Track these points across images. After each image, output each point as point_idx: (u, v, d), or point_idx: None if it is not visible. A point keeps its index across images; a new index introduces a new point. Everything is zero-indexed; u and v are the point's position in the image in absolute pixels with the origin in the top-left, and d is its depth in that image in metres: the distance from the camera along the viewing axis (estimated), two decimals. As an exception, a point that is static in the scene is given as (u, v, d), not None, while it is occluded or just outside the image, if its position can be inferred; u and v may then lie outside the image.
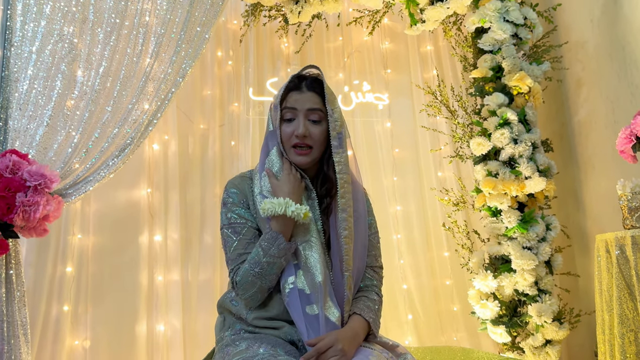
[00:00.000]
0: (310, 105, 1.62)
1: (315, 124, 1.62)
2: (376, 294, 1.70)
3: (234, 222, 1.61)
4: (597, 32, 3.06)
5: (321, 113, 1.63)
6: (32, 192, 2.09)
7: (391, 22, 3.62)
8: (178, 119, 3.14)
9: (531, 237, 2.72)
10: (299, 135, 1.59)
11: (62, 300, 2.72)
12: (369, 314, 1.59)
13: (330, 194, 1.64)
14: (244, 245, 1.59)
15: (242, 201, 1.63)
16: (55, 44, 2.44)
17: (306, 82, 1.65)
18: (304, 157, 1.61)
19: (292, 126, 1.61)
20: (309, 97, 1.63)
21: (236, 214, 1.61)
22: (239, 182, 1.67)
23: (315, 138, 1.61)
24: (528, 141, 2.82)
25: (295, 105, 1.61)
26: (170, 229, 3.01)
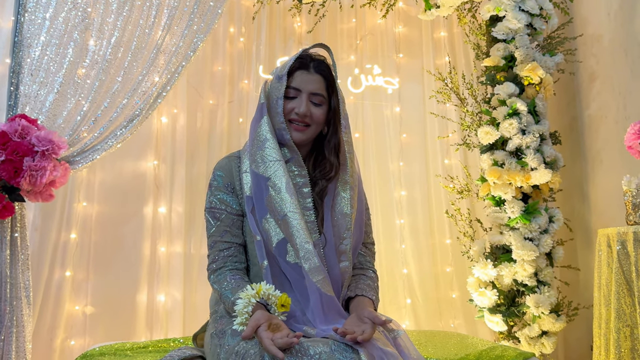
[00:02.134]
0: (314, 89, 1.63)
1: (317, 106, 1.64)
2: (372, 270, 1.74)
3: (214, 207, 1.62)
4: (613, 26, 3.03)
5: (322, 98, 1.65)
6: (40, 157, 2.12)
7: (406, 5, 3.59)
8: (188, 93, 3.15)
9: (533, 229, 2.73)
10: (300, 114, 1.60)
11: (64, 265, 2.76)
12: (370, 292, 1.62)
13: (327, 177, 1.65)
14: (221, 232, 1.60)
15: (227, 184, 1.63)
16: (69, 12, 2.46)
17: (314, 63, 1.66)
18: (301, 133, 1.62)
19: (293, 103, 1.62)
20: (315, 80, 1.64)
21: (217, 199, 1.63)
22: (226, 164, 1.67)
23: (315, 118, 1.63)
24: (536, 132, 2.81)
25: (300, 86, 1.62)
26: (175, 201, 3.04)
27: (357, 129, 3.43)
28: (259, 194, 1.57)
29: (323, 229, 1.59)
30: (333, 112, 1.67)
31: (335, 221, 1.61)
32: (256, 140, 1.61)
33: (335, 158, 1.66)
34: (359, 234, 1.68)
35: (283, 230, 1.53)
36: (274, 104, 1.60)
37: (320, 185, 1.65)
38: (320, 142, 1.70)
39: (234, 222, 1.62)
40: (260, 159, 1.57)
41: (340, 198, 1.63)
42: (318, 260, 1.50)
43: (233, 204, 1.62)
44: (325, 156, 1.67)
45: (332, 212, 1.61)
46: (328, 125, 1.69)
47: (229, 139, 3.21)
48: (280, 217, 1.53)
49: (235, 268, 1.59)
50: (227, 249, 1.60)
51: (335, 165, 1.66)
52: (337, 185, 1.65)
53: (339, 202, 1.63)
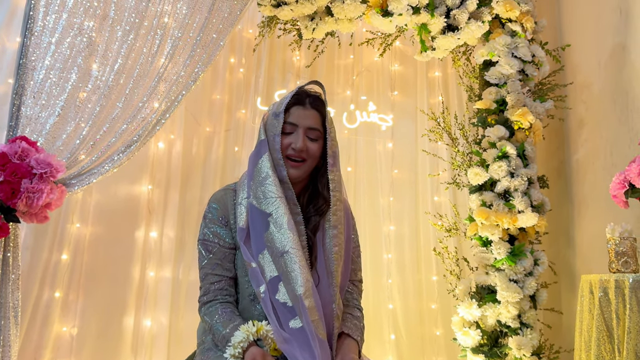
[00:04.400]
0: (310, 124, 1.67)
1: (313, 141, 1.67)
2: (358, 309, 1.75)
3: (207, 239, 1.65)
4: (603, 75, 3.12)
5: (319, 133, 1.68)
6: (38, 179, 2.15)
7: (402, 45, 3.69)
8: (185, 120, 3.20)
9: (518, 271, 2.77)
10: (297, 149, 1.63)
11: (54, 286, 2.77)
12: (356, 333, 1.64)
13: (320, 212, 1.68)
14: (212, 265, 1.63)
15: (221, 217, 1.65)
16: (75, 38, 2.51)
17: (310, 99, 1.70)
18: (297, 169, 1.65)
19: (290, 138, 1.65)
20: (310, 115, 1.67)
21: (211, 231, 1.65)
22: (222, 196, 1.70)
23: (311, 153, 1.66)
24: (524, 176, 2.87)
25: (296, 122, 1.65)
26: (166, 226, 3.06)
27: (350, 163, 3.48)
28: (258, 229, 1.58)
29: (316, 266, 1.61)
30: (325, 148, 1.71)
31: (327, 259, 1.62)
32: (256, 175, 1.62)
33: (327, 193, 1.69)
34: (345, 272, 1.70)
35: (280, 267, 1.54)
36: (271, 140, 1.63)
37: (314, 222, 1.67)
38: (315, 177, 1.73)
39: (225, 256, 1.64)
40: (262, 194, 1.59)
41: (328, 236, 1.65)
42: (317, 299, 1.52)
43: (226, 238, 1.64)
44: (319, 191, 1.70)
45: (323, 250, 1.63)
46: (323, 160, 1.71)
47: (223, 167, 3.25)
48: (279, 253, 1.54)
49: (226, 301, 1.61)
50: (218, 282, 1.62)
51: (328, 200, 1.68)
52: (326, 222, 1.67)
53: (328, 239, 1.64)
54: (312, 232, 1.66)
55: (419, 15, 2.95)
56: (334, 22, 2.96)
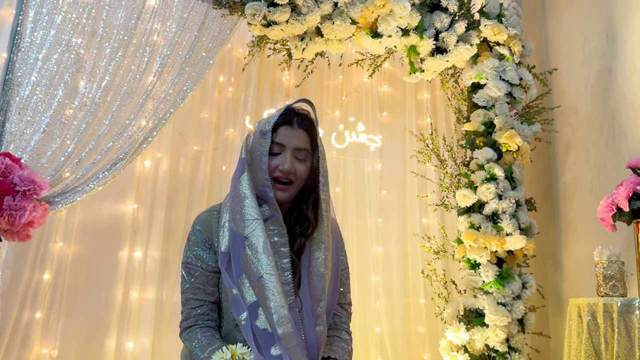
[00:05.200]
0: (298, 144, 1.62)
1: (300, 161, 1.62)
2: (346, 332, 1.71)
3: (190, 262, 1.61)
4: (590, 99, 3.15)
5: (307, 153, 1.64)
6: (21, 197, 2.11)
7: (391, 67, 3.70)
8: (173, 138, 3.17)
9: (507, 294, 2.76)
10: (284, 171, 1.59)
11: (35, 306, 2.70)
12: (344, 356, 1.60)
13: (305, 233, 1.63)
14: (194, 290, 1.59)
15: (205, 240, 1.62)
16: (62, 54, 2.49)
17: (298, 118, 1.65)
18: (284, 192, 1.61)
19: (277, 159, 1.60)
20: (299, 135, 1.63)
21: (194, 255, 1.61)
22: (206, 218, 1.66)
23: (299, 175, 1.62)
24: (512, 198, 2.87)
25: (284, 142, 1.61)
26: (151, 246, 3.01)
27: (338, 183, 3.47)
28: (236, 253, 1.54)
29: (299, 291, 1.57)
30: (315, 167, 1.67)
31: (311, 283, 1.58)
32: (236, 196, 1.58)
33: (313, 214, 1.65)
34: (332, 295, 1.66)
35: (257, 292, 1.50)
36: (257, 160, 1.58)
37: (299, 243, 1.62)
38: (302, 197, 1.68)
39: (208, 280, 1.60)
40: (239, 216, 1.55)
41: (315, 258, 1.61)
42: (293, 326, 1.48)
43: (209, 261, 1.60)
44: (304, 212, 1.66)
45: (308, 272, 1.59)
46: (311, 180, 1.67)
47: (210, 186, 3.22)
48: (255, 278, 1.50)
49: (207, 326, 1.57)
50: (200, 307, 1.58)
51: (313, 222, 1.64)
52: (312, 245, 1.63)
53: (314, 262, 1.60)
54: (297, 255, 1.61)
55: (408, 37, 2.97)
56: (323, 42, 2.97)
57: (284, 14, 2.75)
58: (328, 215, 1.66)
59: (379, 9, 2.84)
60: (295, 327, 1.49)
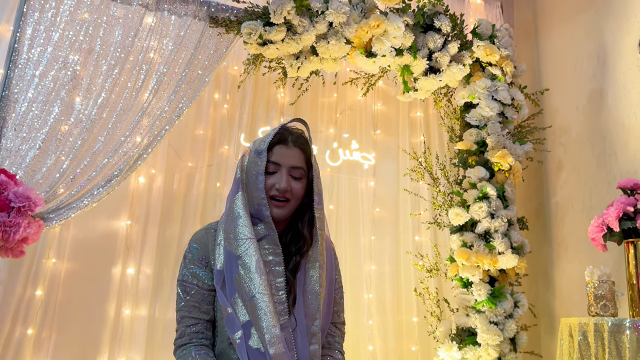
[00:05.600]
0: (294, 163, 1.63)
1: (296, 180, 1.64)
2: (339, 352, 1.71)
3: (186, 280, 1.61)
4: (581, 119, 3.20)
5: (302, 171, 1.65)
6: (15, 213, 2.11)
7: (385, 85, 3.74)
8: (167, 155, 3.17)
9: (499, 313, 2.77)
10: (281, 189, 1.60)
11: (27, 322, 2.68)
12: None
13: (300, 252, 1.64)
14: (189, 308, 1.59)
15: (201, 258, 1.62)
16: (59, 71, 2.51)
17: (292, 137, 1.66)
18: (281, 209, 1.61)
19: (273, 178, 1.61)
20: (294, 154, 1.64)
21: (190, 272, 1.61)
22: (203, 236, 1.66)
23: (295, 193, 1.63)
24: (504, 217, 2.90)
25: (279, 161, 1.62)
26: (144, 263, 3.00)
27: (332, 201, 3.48)
28: (229, 272, 1.54)
29: (294, 310, 1.57)
30: (310, 185, 1.67)
31: (306, 301, 1.58)
32: (230, 215, 1.59)
33: (309, 232, 1.65)
34: (327, 314, 1.66)
35: (250, 312, 1.50)
36: (252, 179, 1.59)
37: (294, 261, 1.63)
38: (297, 216, 1.69)
39: (204, 298, 1.60)
40: (233, 235, 1.56)
41: (309, 276, 1.61)
42: (284, 346, 1.47)
43: (205, 279, 1.60)
44: (299, 230, 1.66)
45: (303, 291, 1.59)
46: (306, 198, 1.68)
47: (204, 202, 3.22)
48: (248, 298, 1.50)
49: (201, 344, 1.57)
50: (194, 325, 1.58)
51: (308, 240, 1.64)
52: (307, 263, 1.63)
53: (309, 280, 1.61)
54: (292, 273, 1.62)
55: (402, 57, 3.01)
56: (318, 61, 3.00)
57: (279, 33, 2.78)
58: (323, 234, 1.67)
59: (373, 29, 2.88)
60: (288, 347, 1.49)
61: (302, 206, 1.68)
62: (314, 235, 1.66)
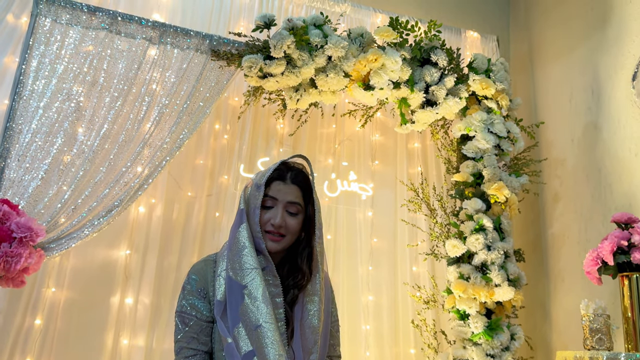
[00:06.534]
0: (290, 199, 1.67)
1: (292, 215, 1.67)
2: None
3: (184, 311, 1.63)
4: (577, 151, 3.24)
5: (299, 207, 1.68)
6: (17, 243, 2.14)
7: (383, 116, 3.79)
8: (167, 184, 3.20)
9: (495, 345, 2.77)
10: (275, 225, 1.63)
11: (25, 352, 2.68)
12: None
13: (299, 285, 1.66)
14: (187, 339, 1.60)
15: (200, 289, 1.64)
16: (63, 102, 2.56)
17: (291, 173, 1.70)
18: (276, 243, 1.64)
19: (270, 213, 1.65)
20: (291, 190, 1.68)
21: (189, 304, 1.63)
22: (202, 268, 1.68)
23: (290, 229, 1.66)
24: (501, 249, 2.92)
25: (276, 196, 1.66)
26: (142, 293, 3.01)
27: (330, 231, 3.50)
28: (234, 302, 1.56)
29: (292, 342, 1.59)
30: (309, 220, 1.70)
31: (303, 334, 1.60)
32: (234, 246, 1.62)
33: (307, 267, 1.68)
34: (323, 347, 1.68)
35: (254, 341, 1.52)
36: (252, 212, 1.63)
37: (292, 294, 1.65)
38: (295, 249, 1.72)
39: (202, 329, 1.61)
40: (238, 266, 1.58)
41: (307, 310, 1.63)
42: None
43: (204, 310, 1.62)
44: (298, 264, 1.69)
45: (301, 324, 1.61)
46: (305, 232, 1.71)
47: (203, 232, 3.24)
48: (253, 327, 1.52)
49: None
50: (193, 356, 1.59)
51: (307, 274, 1.67)
52: (305, 296, 1.65)
53: (306, 314, 1.63)
54: (290, 305, 1.64)
55: (399, 89, 3.07)
56: (317, 93, 3.06)
57: (279, 66, 2.84)
58: (322, 268, 1.70)
59: (371, 63, 2.94)
60: None
61: (300, 241, 1.71)
62: (313, 269, 1.68)
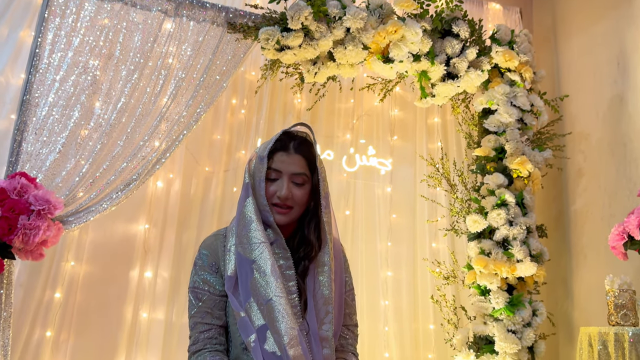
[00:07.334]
0: (295, 170, 1.61)
1: (298, 186, 1.62)
2: (353, 354, 1.70)
3: (197, 286, 1.61)
4: (601, 126, 3.16)
5: (305, 177, 1.63)
6: (35, 216, 2.14)
7: (402, 91, 3.73)
8: (185, 159, 3.19)
9: (517, 321, 2.74)
10: (281, 197, 1.58)
11: (46, 325, 2.71)
12: None
13: (309, 256, 1.63)
14: (202, 314, 1.59)
15: (212, 264, 1.62)
16: (79, 76, 2.54)
17: (294, 143, 1.63)
18: (284, 216, 1.60)
19: (275, 186, 1.60)
20: (295, 161, 1.61)
21: (201, 279, 1.61)
22: (212, 242, 1.66)
23: (297, 200, 1.61)
24: (523, 225, 2.87)
25: (280, 168, 1.60)
26: (161, 267, 3.02)
27: (348, 206, 3.48)
28: (243, 276, 1.54)
29: (306, 314, 1.56)
30: (316, 189, 1.66)
31: (316, 305, 1.58)
32: (241, 220, 1.58)
33: (316, 237, 1.64)
34: (338, 317, 1.65)
35: (266, 315, 1.50)
36: (257, 185, 1.58)
37: (303, 266, 1.62)
38: (304, 220, 1.68)
39: (216, 304, 1.60)
40: (246, 240, 1.55)
41: (319, 281, 1.60)
42: (303, 348, 1.47)
43: (216, 285, 1.60)
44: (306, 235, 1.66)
45: (313, 295, 1.59)
46: (314, 202, 1.67)
47: (221, 207, 3.23)
48: (264, 301, 1.50)
49: (215, 350, 1.57)
50: (208, 331, 1.58)
51: (315, 245, 1.64)
52: (316, 267, 1.62)
53: (318, 284, 1.60)
54: (302, 277, 1.61)
55: (420, 62, 3.00)
56: (335, 67, 3.00)
57: (297, 38, 2.79)
58: (331, 238, 1.66)
59: (391, 35, 2.87)
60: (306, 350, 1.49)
61: (309, 211, 1.67)
62: (322, 239, 1.65)
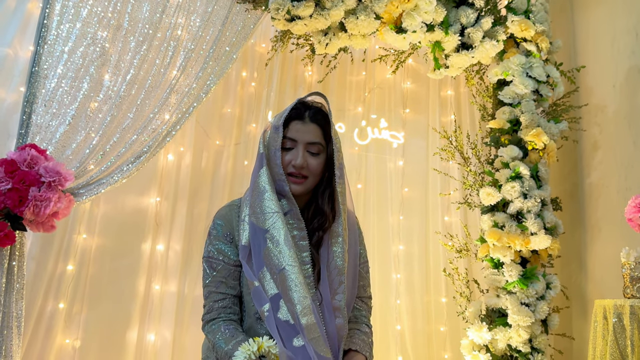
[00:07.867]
0: (310, 139, 1.61)
1: (314, 155, 1.62)
2: (366, 325, 1.70)
3: (212, 256, 1.61)
4: (618, 97, 3.09)
5: (320, 146, 1.63)
6: (46, 188, 2.13)
7: (415, 63, 3.67)
8: (195, 133, 3.18)
9: (530, 294, 2.71)
10: (297, 166, 1.59)
11: (58, 297, 2.73)
12: (365, 348, 1.60)
13: (323, 227, 1.63)
14: (216, 283, 1.59)
15: (226, 234, 1.62)
16: (88, 47, 2.51)
17: (310, 112, 1.64)
18: (299, 185, 1.61)
19: (290, 155, 1.60)
20: (310, 130, 1.62)
21: (215, 249, 1.61)
22: (227, 212, 1.66)
23: (312, 169, 1.62)
24: (538, 197, 2.83)
25: (295, 137, 1.60)
26: (173, 239, 3.03)
27: (360, 180, 3.45)
28: (257, 246, 1.54)
29: (319, 285, 1.57)
30: (330, 160, 1.66)
31: (330, 275, 1.58)
32: (255, 190, 1.59)
33: (330, 208, 1.64)
34: (352, 288, 1.66)
35: (279, 284, 1.50)
36: (272, 155, 1.59)
37: (317, 237, 1.63)
38: (318, 191, 1.68)
39: (230, 273, 1.60)
40: (260, 210, 1.55)
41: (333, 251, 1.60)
42: (316, 317, 1.48)
43: (231, 254, 1.60)
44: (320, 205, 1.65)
45: (327, 266, 1.59)
46: (328, 173, 1.67)
47: (232, 180, 3.23)
48: (277, 270, 1.51)
49: (229, 319, 1.57)
50: (222, 300, 1.58)
51: (329, 216, 1.63)
52: (330, 238, 1.62)
53: (332, 255, 1.60)
54: (316, 248, 1.62)
55: (433, 32, 2.94)
56: (347, 37, 2.95)
57: (307, 8, 2.74)
58: (345, 208, 1.65)
59: (404, 4, 2.81)
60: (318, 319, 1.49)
61: (323, 181, 1.67)
62: (335, 210, 1.65)
